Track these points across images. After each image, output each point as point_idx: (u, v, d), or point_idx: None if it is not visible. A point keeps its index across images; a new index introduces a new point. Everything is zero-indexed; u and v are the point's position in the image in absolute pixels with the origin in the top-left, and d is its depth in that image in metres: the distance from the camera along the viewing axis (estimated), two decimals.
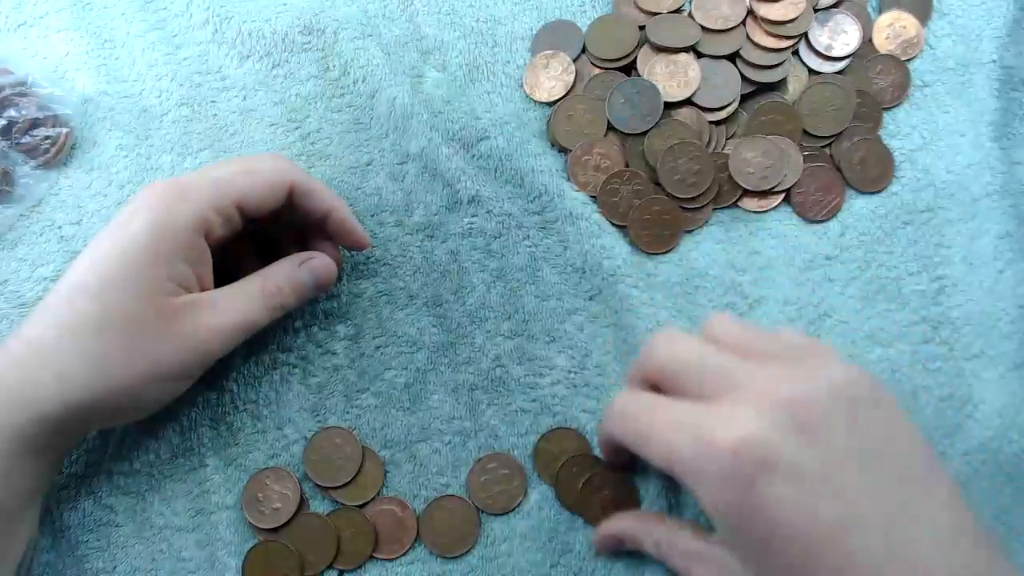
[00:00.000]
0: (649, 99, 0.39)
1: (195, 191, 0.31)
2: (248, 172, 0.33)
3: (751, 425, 0.26)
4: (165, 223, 0.31)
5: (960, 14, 0.41)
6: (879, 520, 0.25)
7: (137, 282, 0.30)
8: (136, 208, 0.31)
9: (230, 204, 0.32)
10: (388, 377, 0.37)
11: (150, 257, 0.30)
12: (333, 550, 0.34)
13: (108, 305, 0.30)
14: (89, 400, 0.30)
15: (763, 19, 0.39)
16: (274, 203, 0.33)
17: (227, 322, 0.32)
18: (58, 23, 0.41)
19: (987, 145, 0.39)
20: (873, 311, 0.37)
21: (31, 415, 0.29)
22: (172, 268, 0.31)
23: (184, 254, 0.31)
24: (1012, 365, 0.36)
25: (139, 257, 0.30)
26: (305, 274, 0.34)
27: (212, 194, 0.32)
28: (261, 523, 0.34)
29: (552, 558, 0.35)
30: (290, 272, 0.34)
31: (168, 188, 0.31)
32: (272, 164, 0.33)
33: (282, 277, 0.34)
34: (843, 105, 0.39)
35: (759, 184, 0.38)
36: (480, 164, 0.39)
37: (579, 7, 0.41)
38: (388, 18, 0.41)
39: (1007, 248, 0.37)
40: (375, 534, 0.34)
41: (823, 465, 0.26)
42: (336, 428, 0.36)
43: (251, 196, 0.32)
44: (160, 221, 0.31)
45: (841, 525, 0.25)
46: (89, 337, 0.30)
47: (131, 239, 0.30)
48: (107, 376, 0.30)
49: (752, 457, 0.25)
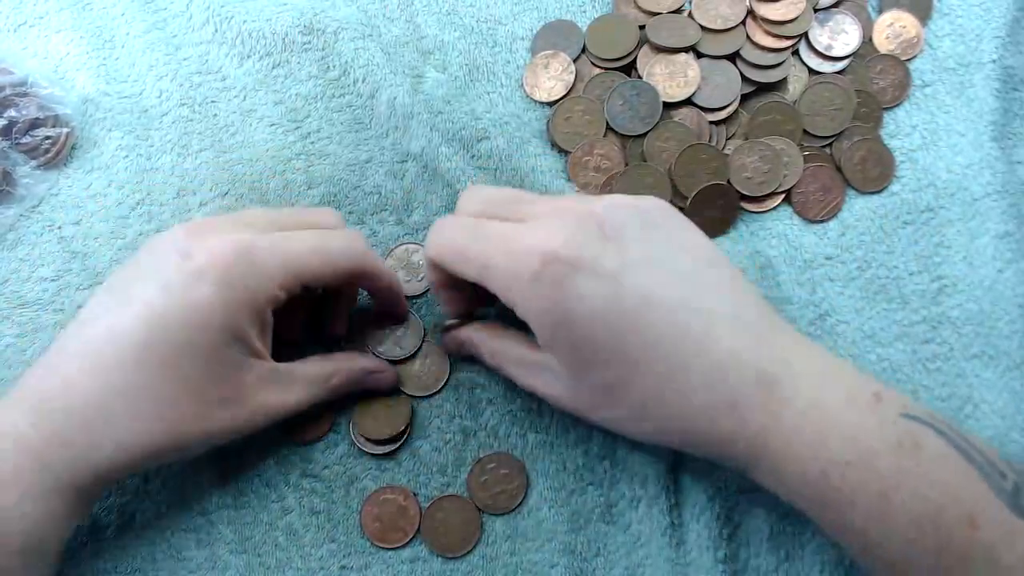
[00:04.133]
0: (648, 100, 0.39)
1: (268, 269, 0.31)
2: (321, 252, 0.32)
3: (558, 234, 0.29)
4: (240, 300, 0.30)
5: (960, 14, 0.41)
6: (672, 300, 0.29)
7: (207, 358, 0.30)
8: (202, 273, 0.30)
9: (298, 283, 0.32)
10: None
11: (222, 335, 0.30)
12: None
13: (177, 376, 0.29)
14: (142, 459, 0.30)
15: (763, 19, 0.39)
16: (339, 281, 0.34)
17: (288, 403, 0.33)
18: (58, 23, 0.41)
19: (987, 145, 0.39)
20: (873, 311, 0.37)
21: (86, 472, 0.29)
22: (246, 344, 0.31)
23: (258, 329, 0.31)
24: (1012, 365, 0.36)
25: (211, 333, 0.30)
26: (370, 382, 0.35)
27: (283, 273, 0.31)
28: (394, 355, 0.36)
29: (552, 558, 0.35)
30: (359, 376, 0.35)
31: (244, 256, 0.30)
32: (346, 246, 0.33)
33: (348, 375, 0.35)
34: (843, 105, 0.39)
35: (758, 189, 0.38)
36: (480, 164, 0.39)
37: (579, 7, 0.41)
38: (388, 18, 0.41)
39: (1007, 248, 0.37)
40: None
41: (622, 262, 0.29)
42: None
43: (319, 277, 0.32)
44: (234, 298, 0.30)
45: (638, 309, 0.28)
46: (155, 407, 0.29)
47: (205, 311, 0.29)
48: (164, 444, 0.30)
49: (559, 259, 0.29)
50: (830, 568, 0.34)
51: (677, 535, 0.34)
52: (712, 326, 0.29)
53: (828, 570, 0.34)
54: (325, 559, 0.35)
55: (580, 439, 0.36)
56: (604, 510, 0.35)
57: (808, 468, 0.28)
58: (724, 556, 0.33)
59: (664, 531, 0.34)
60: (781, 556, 0.34)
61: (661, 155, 0.39)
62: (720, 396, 0.28)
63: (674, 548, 0.34)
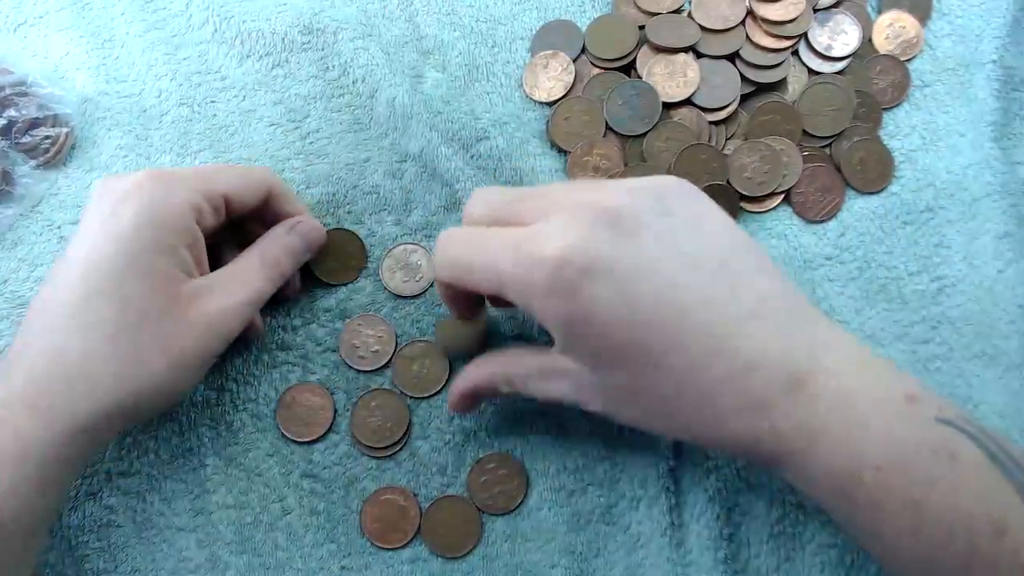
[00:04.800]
0: (647, 101, 0.39)
1: (183, 180, 0.32)
2: (232, 169, 0.35)
3: (570, 235, 0.27)
4: (163, 211, 0.31)
5: (960, 14, 0.41)
6: (693, 297, 0.27)
7: (147, 274, 0.30)
8: (122, 198, 0.31)
9: (218, 195, 0.33)
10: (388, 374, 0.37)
11: (153, 246, 0.30)
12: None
13: (126, 303, 0.30)
14: (120, 402, 0.30)
15: (763, 19, 0.39)
16: (255, 201, 0.34)
17: (238, 299, 0.33)
18: (58, 23, 0.41)
19: (987, 145, 0.39)
20: (873, 311, 0.37)
21: (64, 428, 0.29)
22: (175, 255, 0.31)
23: (183, 240, 0.31)
24: (1012, 365, 0.36)
25: (143, 247, 0.30)
26: (296, 238, 0.35)
27: (201, 182, 0.32)
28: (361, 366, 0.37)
29: (552, 558, 0.35)
30: (283, 240, 0.35)
31: (155, 177, 0.32)
32: (252, 167, 0.35)
33: (277, 247, 0.35)
34: (843, 105, 0.39)
35: (757, 189, 0.38)
36: (479, 164, 0.39)
37: (579, 7, 0.41)
38: (388, 18, 0.41)
39: (1007, 248, 0.37)
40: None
41: (639, 260, 0.27)
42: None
43: (236, 188, 0.34)
44: (157, 209, 0.31)
45: (658, 309, 0.27)
46: (114, 340, 0.29)
47: (131, 230, 0.30)
48: (137, 376, 0.30)
49: (573, 263, 0.27)
50: (830, 568, 0.34)
51: (677, 535, 0.34)
52: (735, 322, 0.27)
53: (828, 570, 0.34)
54: (325, 559, 0.35)
55: (580, 439, 0.36)
56: (604, 510, 0.35)
57: (836, 470, 0.27)
58: (724, 556, 0.33)
59: (664, 531, 0.34)
60: (781, 556, 0.34)
61: (661, 155, 0.39)
62: (746, 397, 0.27)
63: (674, 548, 0.34)
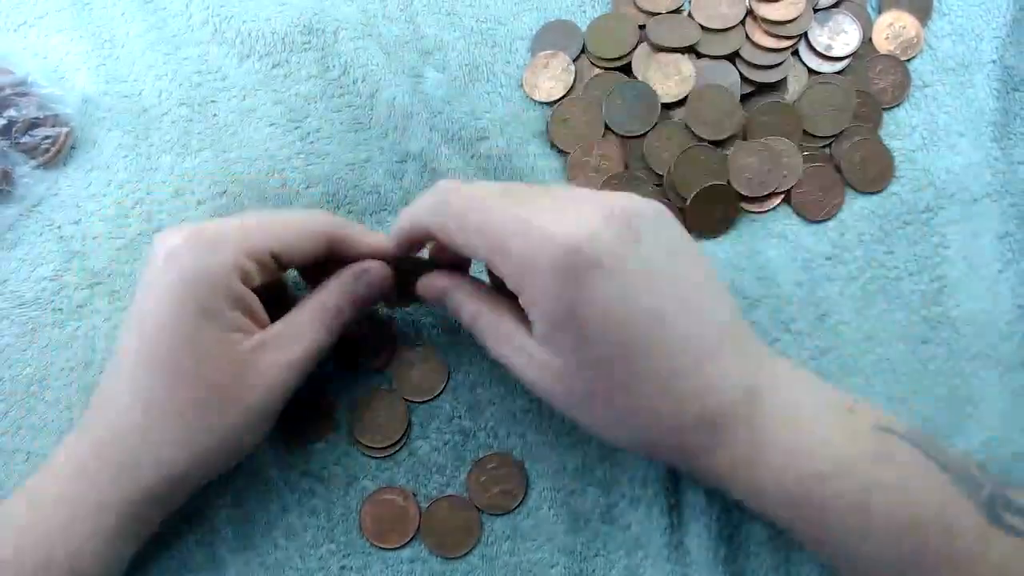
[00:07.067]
0: (646, 101, 0.39)
1: (225, 239, 0.30)
2: (281, 218, 0.32)
3: (585, 226, 0.27)
4: (204, 276, 0.30)
5: (960, 14, 0.41)
6: (681, 312, 0.28)
7: (194, 343, 0.29)
8: (164, 265, 0.30)
9: (264, 252, 0.31)
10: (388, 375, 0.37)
11: (197, 312, 0.29)
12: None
13: (177, 377, 0.29)
14: (187, 471, 0.30)
15: (763, 19, 0.39)
16: (311, 252, 0.32)
17: (297, 355, 0.31)
18: (58, 23, 0.41)
19: (987, 145, 0.39)
20: (873, 311, 0.37)
21: (132, 495, 0.30)
22: (221, 319, 0.30)
23: (228, 303, 0.30)
24: (1012, 365, 0.36)
25: (185, 317, 0.29)
26: (363, 288, 0.33)
27: (246, 241, 0.31)
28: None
29: (552, 558, 0.35)
30: (347, 288, 0.33)
31: (195, 239, 0.30)
32: (307, 213, 0.34)
33: (341, 296, 0.33)
34: (843, 105, 0.39)
35: (757, 189, 0.38)
36: (480, 164, 0.39)
37: (579, 7, 0.41)
38: (388, 18, 0.41)
39: (1007, 248, 0.37)
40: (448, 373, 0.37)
41: (642, 264, 0.28)
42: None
43: (286, 243, 0.31)
44: (198, 274, 0.30)
45: (651, 319, 0.28)
46: (179, 412, 0.30)
47: (172, 299, 0.29)
48: (204, 444, 0.30)
49: (583, 252, 0.27)
50: (829, 568, 0.34)
51: (677, 535, 0.34)
52: (711, 340, 0.29)
53: (827, 570, 0.34)
54: (325, 559, 0.35)
55: (580, 439, 0.36)
56: (604, 510, 0.35)
57: (786, 479, 0.28)
58: (724, 556, 0.33)
59: (664, 531, 0.34)
60: (781, 557, 0.34)
61: (660, 155, 0.39)
62: (711, 410, 0.28)
63: (674, 548, 0.34)
